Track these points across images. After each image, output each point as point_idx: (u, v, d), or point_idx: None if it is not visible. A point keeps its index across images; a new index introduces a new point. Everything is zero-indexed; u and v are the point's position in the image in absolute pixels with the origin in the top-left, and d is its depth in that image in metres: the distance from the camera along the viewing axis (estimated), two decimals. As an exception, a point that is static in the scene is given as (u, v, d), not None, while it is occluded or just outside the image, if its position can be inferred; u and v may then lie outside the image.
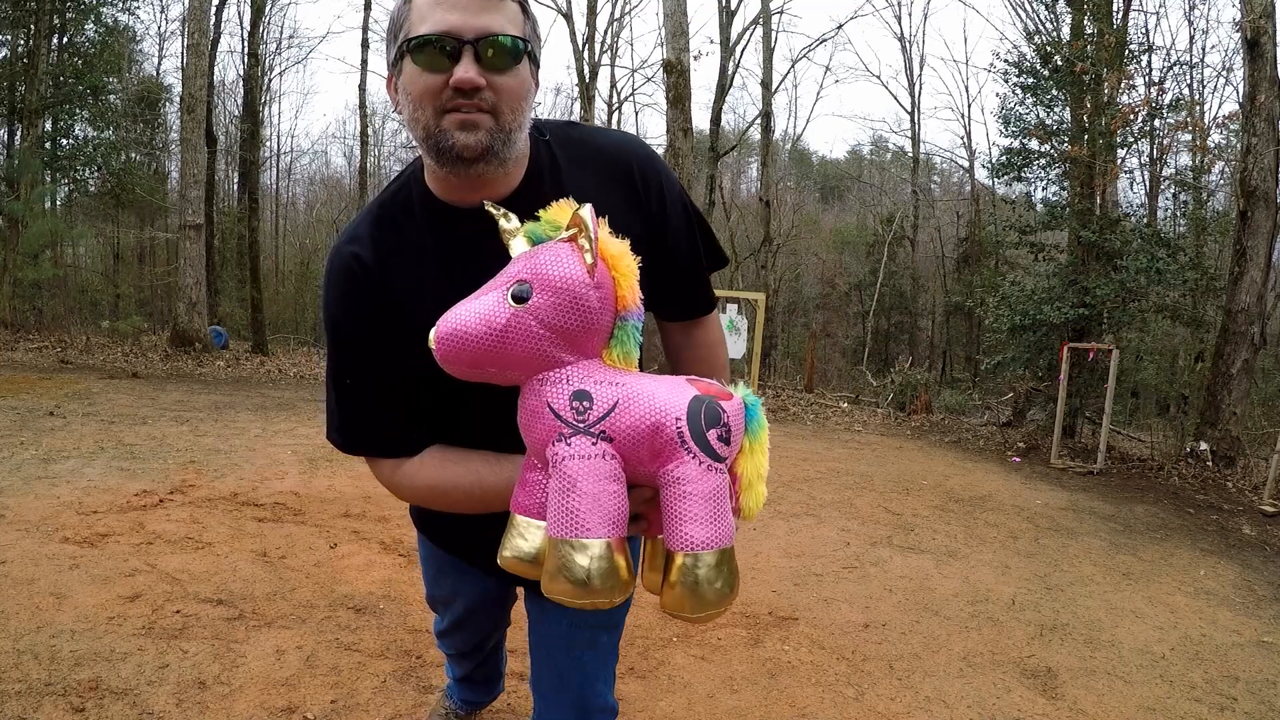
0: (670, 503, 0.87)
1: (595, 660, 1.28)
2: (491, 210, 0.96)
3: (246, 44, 16.15)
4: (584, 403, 0.88)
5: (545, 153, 1.08)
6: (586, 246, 0.87)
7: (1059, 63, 9.02)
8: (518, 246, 0.94)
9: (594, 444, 0.86)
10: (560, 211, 0.93)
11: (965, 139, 33.86)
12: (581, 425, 0.87)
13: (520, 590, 1.42)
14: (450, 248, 1.05)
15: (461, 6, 0.93)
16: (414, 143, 1.02)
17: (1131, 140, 9.26)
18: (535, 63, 1.01)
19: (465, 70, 0.91)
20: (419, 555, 1.58)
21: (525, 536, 0.93)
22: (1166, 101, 9.80)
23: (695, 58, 16.84)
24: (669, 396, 0.88)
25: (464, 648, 1.69)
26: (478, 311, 0.89)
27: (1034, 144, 9.36)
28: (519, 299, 0.88)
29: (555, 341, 0.88)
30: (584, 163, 1.10)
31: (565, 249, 0.89)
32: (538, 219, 0.93)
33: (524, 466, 0.94)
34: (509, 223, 0.96)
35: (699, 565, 0.86)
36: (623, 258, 0.90)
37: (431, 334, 0.90)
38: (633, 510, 0.91)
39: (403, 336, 1.00)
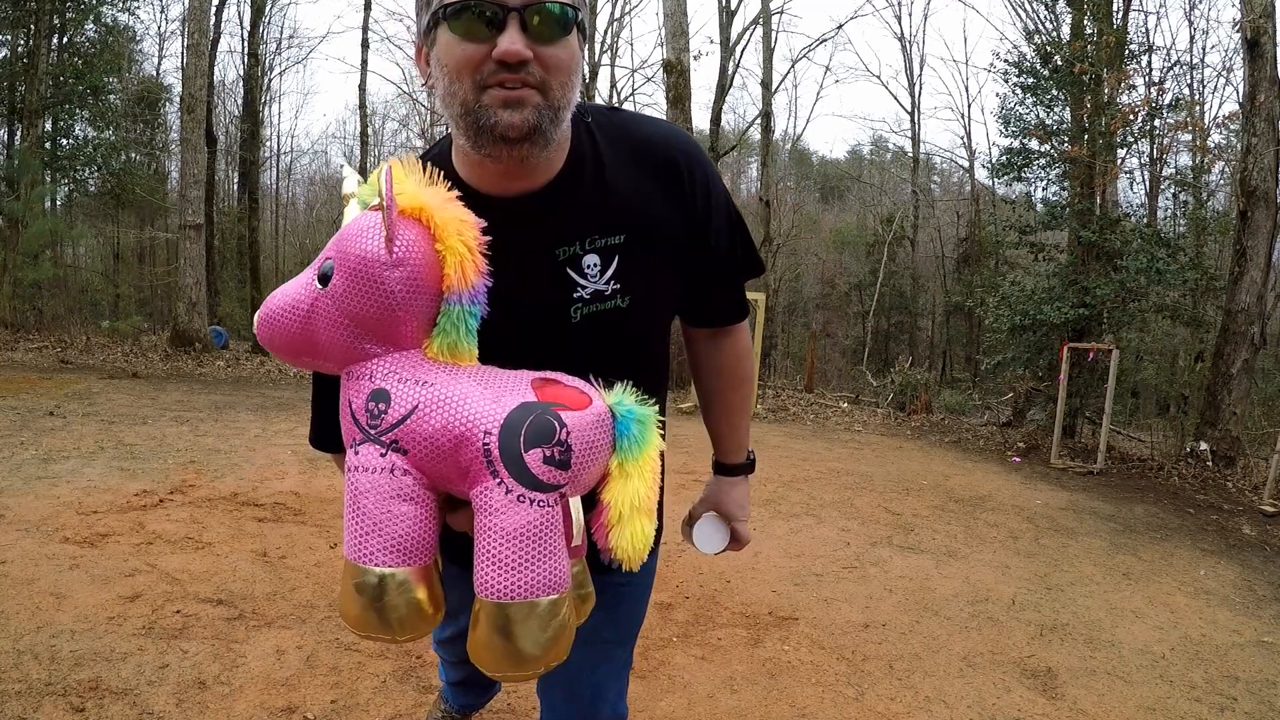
0: (476, 534, 0.73)
1: (609, 673, 1.20)
2: (341, 167, 0.88)
3: (246, 44, 16.18)
4: (380, 404, 0.74)
5: (587, 139, 1.00)
6: (381, 217, 0.72)
7: (1059, 63, 9.02)
8: (349, 214, 0.81)
9: (383, 455, 0.73)
10: (371, 192, 0.79)
11: (965, 139, 33.90)
12: (372, 432, 0.73)
13: None
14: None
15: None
16: (444, 121, 0.91)
17: (1131, 140, 9.26)
18: (584, 34, 0.90)
19: (511, 41, 0.81)
20: None
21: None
22: (1166, 101, 9.81)
23: (695, 58, 16.85)
24: (484, 403, 0.73)
25: (464, 655, 1.63)
26: (287, 293, 0.78)
27: (1034, 144, 9.37)
28: (324, 279, 0.75)
29: (357, 331, 0.75)
30: (628, 151, 1.01)
31: (370, 219, 0.75)
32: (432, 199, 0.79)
33: None
34: (348, 186, 0.84)
35: (501, 618, 0.72)
36: (450, 226, 0.76)
37: (256, 313, 0.81)
38: (465, 530, 0.79)
39: None
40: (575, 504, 0.80)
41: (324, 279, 0.75)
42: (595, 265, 0.96)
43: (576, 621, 0.84)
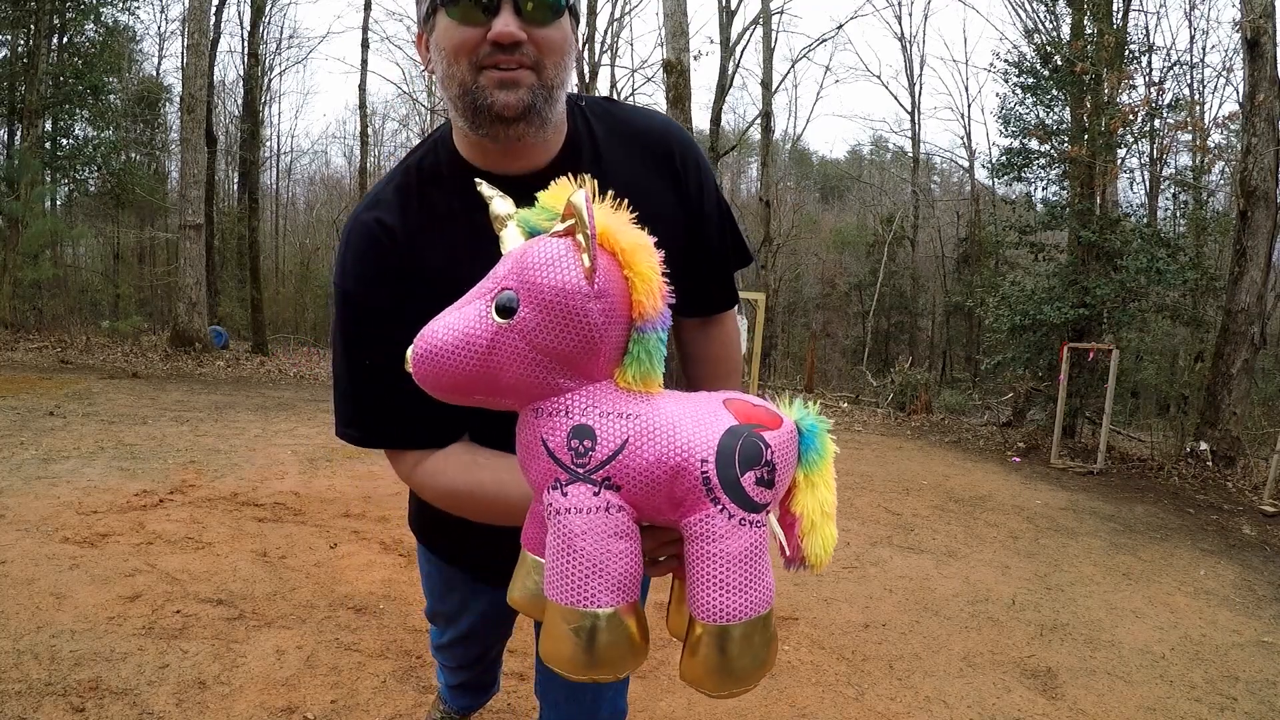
0: (694, 561, 0.73)
1: None
2: (483, 191, 0.84)
3: (246, 44, 16.17)
4: (585, 441, 0.71)
5: (584, 125, 1.02)
6: (584, 245, 0.69)
7: (1059, 63, 9.03)
8: (511, 238, 0.77)
9: (596, 494, 0.71)
10: (561, 194, 0.76)
11: (965, 139, 33.88)
12: (581, 471, 0.71)
13: None
14: (482, 217, 0.93)
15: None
16: (445, 105, 0.94)
17: (1131, 140, 9.27)
18: (576, 17, 0.94)
19: (505, 24, 0.84)
20: (420, 569, 1.46)
21: (535, 576, 0.80)
22: (1166, 101, 9.83)
23: (695, 58, 16.84)
24: (694, 430, 0.72)
25: (465, 661, 1.61)
26: (457, 328, 0.73)
27: (1034, 144, 9.37)
28: (504, 311, 0.71)
29: (549, 365, 0.72)
30: (623, 139, 1.04)
31: (560, 247, 0.71)
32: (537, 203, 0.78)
33: (535, 496, 0.79)
34: (502, 207, 0.81)
35: (725, 638, 0.72)
36: (639, 252, 0.73)
37: (409, 351, 0.75)
38: (655, 555, 0.79)
39: (431, 310, 0.81)
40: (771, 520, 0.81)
41: (505, 312, 0.70)
42: None
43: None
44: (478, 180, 0.87)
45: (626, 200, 1.00)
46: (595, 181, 0.77)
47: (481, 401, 0.77)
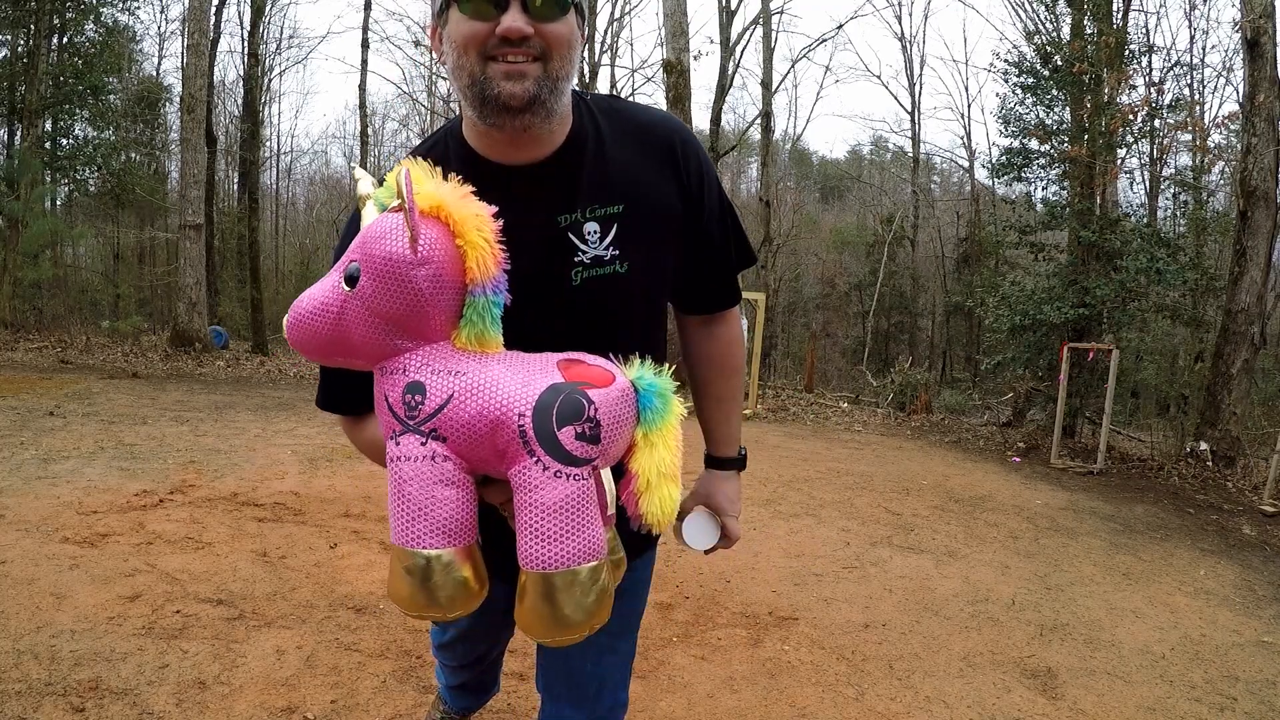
0: (518, 511, 0.77)
1: (613, 664, 1.23)
2: (354, 173, 0.91)
3: (246, 44, 16.16)
4: (416, 396, 0.77)
5: (588, 117, 1.06)
6: (403, 218, 0.75)
7: (1059, 63, 9.03)
8: (367, 215, 0.83)
9: (423, 444, 0.77)
10: (389, 195, 0.82)
11: (965, 139, 33.88)
12: (411, 423, 0.77)
13: None
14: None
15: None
16: (454, 97, 0.99)
17: (1131, 140, 9.26)
18: (582, 14, 0.98)
19: (513, 19, 0.89)
20: None
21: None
22: (1166, 101, 9.82)
23: (695, 58, 16.85)
24: (515, 387, 0.77)
25: (466, 659, 1.61)
26: (316, 297, 0.81)
27: (1034, 144, 9.37)
28: (351, 280, 0.78)
29: (387, 328, 0.78)
30: (627, 132, 1.08)
31: (392, 220, 0.78)
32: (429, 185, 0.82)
33: None
34: (364, 188, 0.87)
35: (547, 585, 0.76)
36: (469, 221, 0.80)
37: (285, 317, 0.83)
38: (509, 508, 0.83)
39: None
40: (606, 475, 0.84)
41: (351, 280, 0.78)
42: (595, 232, 1.02)
43: (613, 585, 0.88)
44: (352, 165, 0.96)
45: (624, 183, 1.04)
46: (427, 162, 0.83)
47: (343, 362, 0.83)
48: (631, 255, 1.04)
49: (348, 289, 0.78)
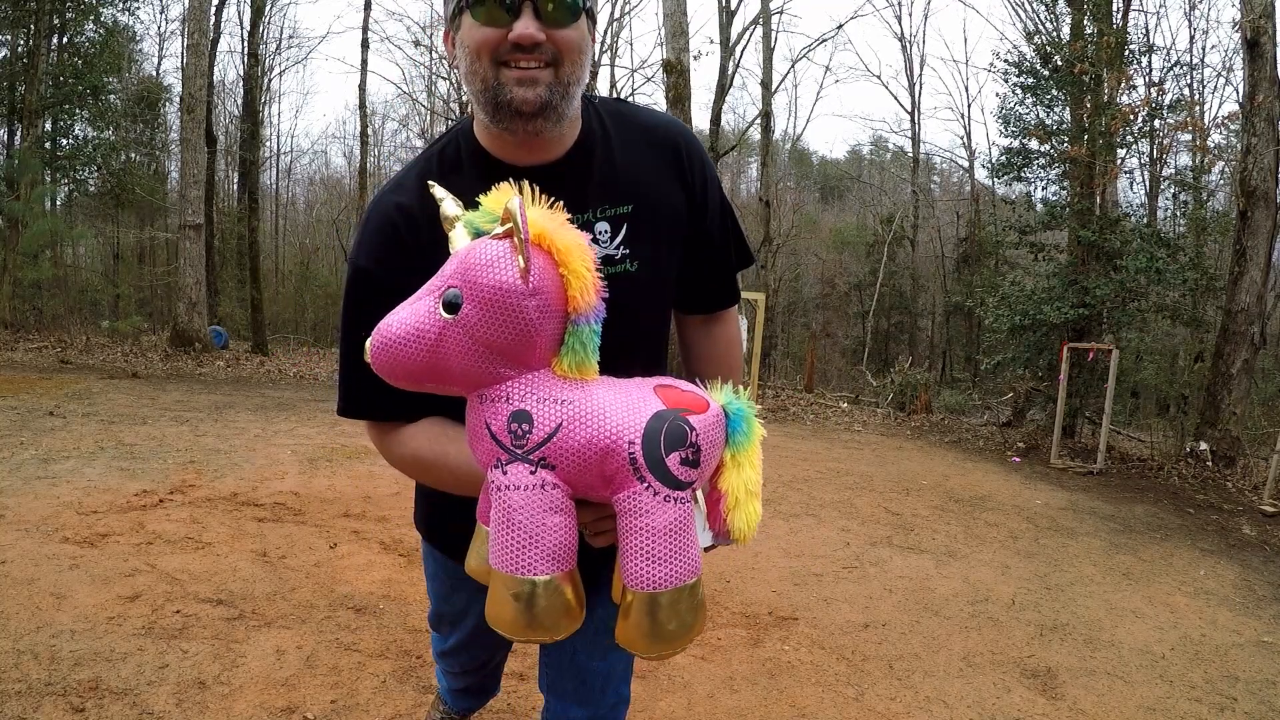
0: (624, 535, 0.80)
1: (620, 659, 1.25)
2: (435, 193, 0.91)
3: (246, 44, 16.16)
4: (523, 425, 0.78)
5: (596, 121, 1.08)
6: (519, 247, 0.75)
7: (1059, 63, 9.02)
8: (458, 239, 0.84)
9: (533, 473, 0.78)
10: (501, 198, 0.82)
11: (965, 139, 33.88)
12: (519, 452, 0.78)
13: None
14: None
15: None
16: (467, 98, 1.00)
17: (1131, 140, 9.26)
18: (593, 19, 1.00)
19: (525, 26, 0.90)
20: (425, 570, 1.45)
21: (485, 547, 0.86)
22: (1166, 101, 9.81)
23: (695, 58, 16.84)
24: (623, 415, 0.78)
25: (470, 666, 1.59)
26: (409, 323, 0.80)
27: (1034, 144, 9.37)
28: (450, 307, 0.78)
29: (490, 356, 0.78)
30: (633, 134, 1.10)
31: (498, 248, 0.77)
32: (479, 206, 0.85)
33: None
34: (451, 209, 0.87)
35: (653, 604, 0.79)
36: (573, 252, 0.80)
37: (368, 343, 0.82)
38: (595, 528, 0.87)
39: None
40: (699, 496, 0.89)
41: (451, 307, 0.78)
42: (605, 232, 1.05)
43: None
44: (430, 183, 0.93)
45: (632, 184, 1.06)
46: (535, 187, 0.84)
47: (433, 388, 0.83)
48: (640, 254, 1.06)
49: (448, 316, 0.78)
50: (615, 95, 18.09)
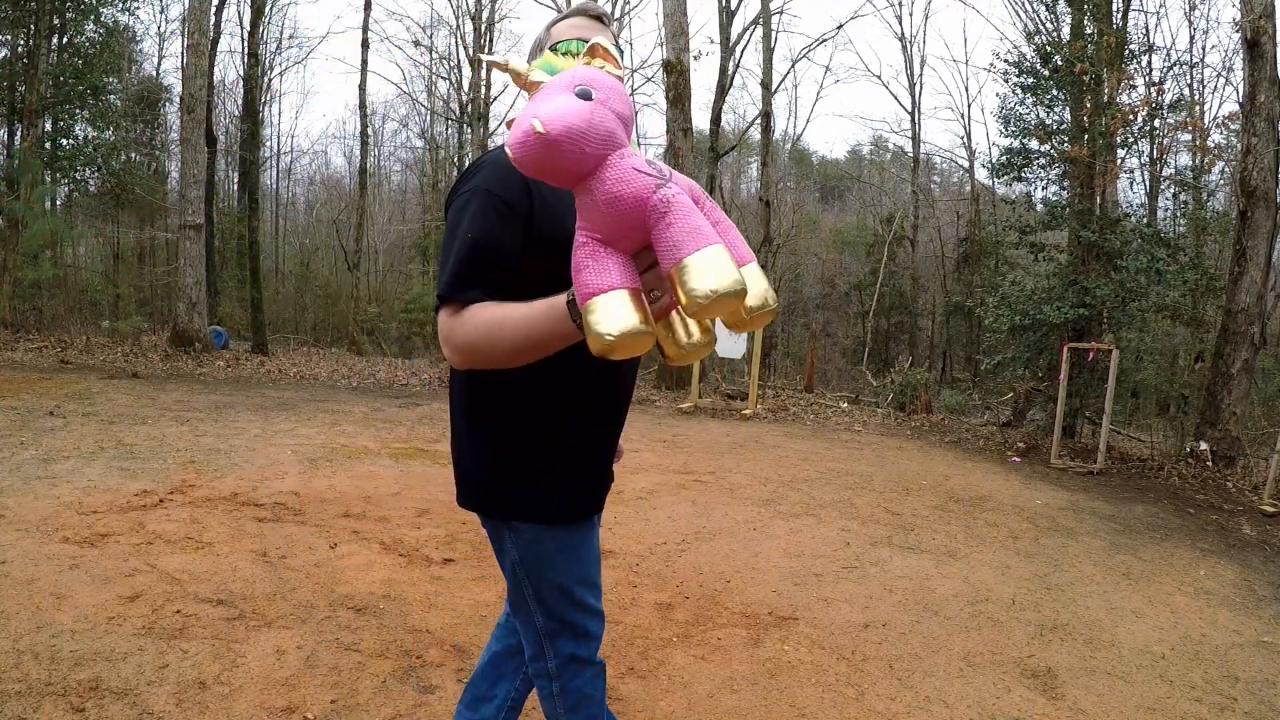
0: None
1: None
2: (493, 60, 1.12)
3: (246, 44, 16.15)
4: (656, 163, 1.04)
5: None
6: (617, 59, 1.15)
7: (1059, 63, 9.02)
8: (539, 76, 1.11)
9: (679, 193, 1.01)
10: (560, 59, 1.29)
11: (965, 139, 33.90)
12: (668, 177, 1.02)
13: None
14: None
15: (583, 28, 1.34)
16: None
17: (1131, 140, 9.25)
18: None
19: None
20: (548, 552, 1.36)
21: (624, 306, 0.98)
22: (1166, 101, 9.81)
23: (695, 58, 16.83)
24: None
25: (600, 607, 1.49)
26: (570, 105, 1.00)
27: (1034, 144, 9.36)
28: (585, 96, 1.02)
29: (620, 125, 1.05)
30: None
31: (609, 77, 1.07)
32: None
33: (585, 255, 1.01)
34: (516, 61, 1.14)
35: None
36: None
37: (536, 121, 0.96)
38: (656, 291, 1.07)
39: (540, 243, 1.21)
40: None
41: (585, 96, 1.01)
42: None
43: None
44: (480, 55, 1.14)
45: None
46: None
47: (579, 160, 0.99)
48: None
49: (589, 102, 1.01)
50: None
